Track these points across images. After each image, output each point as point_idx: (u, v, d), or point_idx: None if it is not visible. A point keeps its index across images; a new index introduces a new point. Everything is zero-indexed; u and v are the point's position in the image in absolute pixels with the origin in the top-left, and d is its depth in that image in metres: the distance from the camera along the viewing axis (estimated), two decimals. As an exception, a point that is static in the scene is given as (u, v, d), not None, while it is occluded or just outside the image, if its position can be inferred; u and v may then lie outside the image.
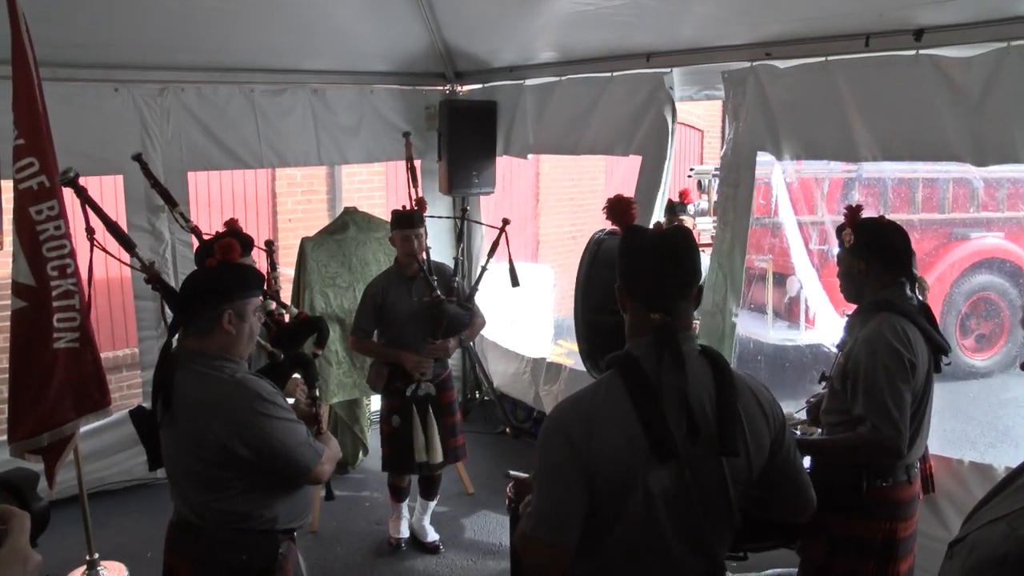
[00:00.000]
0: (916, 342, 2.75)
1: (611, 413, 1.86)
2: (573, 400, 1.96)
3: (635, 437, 1.83)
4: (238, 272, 2.57)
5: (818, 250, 7.66)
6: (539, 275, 7.89)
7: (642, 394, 1.85)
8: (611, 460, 1.83)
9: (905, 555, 2.89)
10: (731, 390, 1.91)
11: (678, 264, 1.97)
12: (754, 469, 1.95)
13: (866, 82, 4.03)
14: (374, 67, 6.01)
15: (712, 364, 1.94)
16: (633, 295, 1.98)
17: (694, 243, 2.01)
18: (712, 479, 1.89)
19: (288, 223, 7.75)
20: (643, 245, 1.99)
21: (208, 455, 2.42)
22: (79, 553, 4.37)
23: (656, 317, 1.91)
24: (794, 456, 2.06)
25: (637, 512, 1.85)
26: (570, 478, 1.85)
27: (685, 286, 1.98)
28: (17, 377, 3.99)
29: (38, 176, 3.91)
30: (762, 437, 1.96)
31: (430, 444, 4.43)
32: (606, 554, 1.90)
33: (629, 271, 2.00)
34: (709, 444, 1.86)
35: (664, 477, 1.84)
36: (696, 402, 1.87)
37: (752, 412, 1.95)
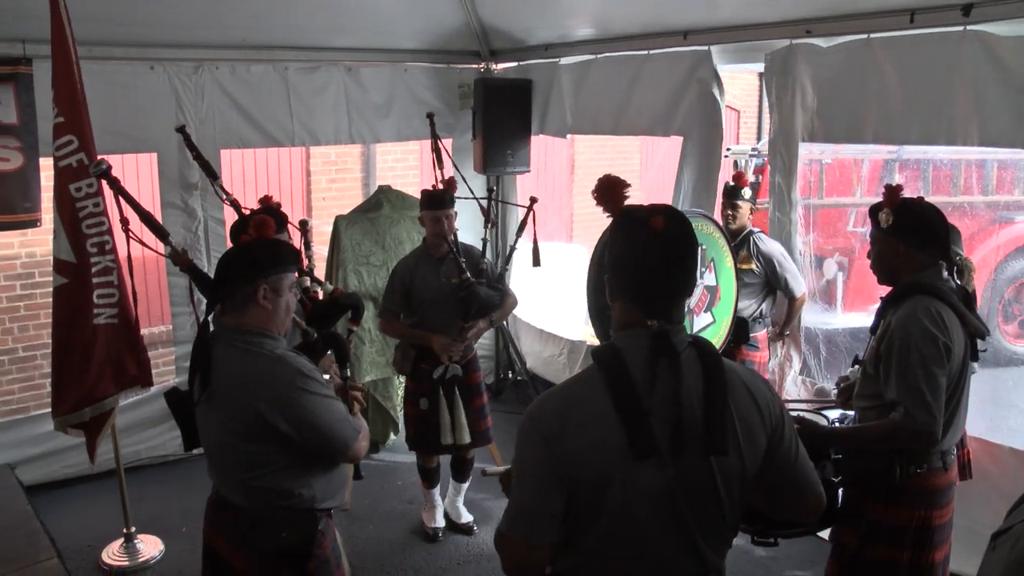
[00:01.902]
0: (952, 325, 2.68)
1: (588, 409, 1.77)
2: (550, 395, 1.88)
3: (612, 434, 1.74)
4: (273, 247, 2.56)
5: (854, 232, 7.55)
6: (574, 255, 7.84)
7: (622, 390, 1.75)
8: (586, 457, 1.75)
9: (940, 543, 2.83)
10: (720, 385, 1.79)
11: (683, 271, 1.85)
12: (748, 467, 1.83)
13: (911, 61, 3.94)
14: (408, 45, 5.98)
15: (702, 357, 1.83)
16: (627, 295, 1.85)
17: (696, 240, 1.87)
18: (700, 478, 1.79)
19: (322, 201, 7.77)
20: (645, 245, 1.81)
21: (248, 431, 2.42)
22: (117, 526, 4.45)
23: (653, 324, 1.79)
24: (796, 454, 1.92)
25: (616, 511, 1.77)
26: (544, 475, 1.78)
27: (685, 292, 1.87)
28: (60, 353, 4.06)
29: (77, 153, 3.95)
30: (756, 434, 1.84)
31: (457, 425, 4.41)
32: (586, 551, 1.84)
33: (625, 270, 1.86)
34: (696, 442, 1.76)
35: (645, 475, 1.75)
36: (684, 398, 1.77)
37: (745, 408, 1.83)
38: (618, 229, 1.88)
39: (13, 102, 4.48)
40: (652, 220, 1.79)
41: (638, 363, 1.77)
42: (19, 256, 6.36)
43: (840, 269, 7.38)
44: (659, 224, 1.79)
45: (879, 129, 4.10)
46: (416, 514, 4.85)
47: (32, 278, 6.37)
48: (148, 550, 4.41)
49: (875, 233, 2.84)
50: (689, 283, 1.87)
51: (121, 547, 4.40)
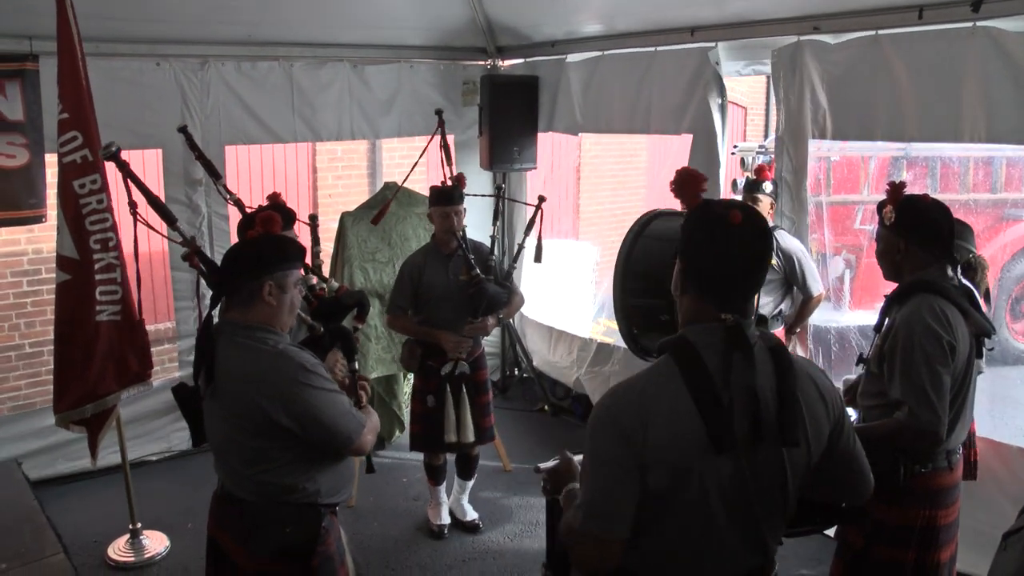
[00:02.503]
0: (956, 324, 2.65)
1: (667, 402, 1.77)
2: (626, 387, 1.86)
3: (692, 427, 1.75)
4: (279, 244, 2.56)
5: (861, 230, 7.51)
6: (580, 252, 7.83)
7: (701, 383, 1.77)
8: (666, 451, 1.75)
9: (946, 543, 2.81)
10: (791, 378, 1.82)
11: (759, 266, 1.85)
12: (813, 458, 1.88)
13: (920, 57, 3.91)
14: (414, 41, 5.98)
15: (772, 351, 1.85)
16: (701, 288, 1.86)
17: (771, 235, 1.89)
18: (771, 470, 1.82)
19: (328, 198, 7.77)
20: (723, 239, 1.81)
21: (252, 426, 2.42)
22: (122, 521, 4.45)
23: (728, 318, 1.81)
24: (853, 443, 1.98)
25: (691, 504, 1.78)
26: (622, 469, 1.77)
27: (758, 286, 1.89)
28: (62, 349, 4.06)
29: (81, 150, 3.95)
30: (821, 425, 1.88)
31: (462, 423, 4.40)
32: (656, 547, 1.84)
33: (701, 263, 1.85)
34: (770, 434, 1.79)
35: (721, 469, 1.77)
36: (760, 392, 1.79)
37: (811, 400, 1.87)
38: (695, 223, 1.88)
39: (20, 99, 4.48)
40: (731, 214, 1.80)
41: (713, 357, 1.79)
42: (26, 252, 6.37)
43: (847, 267, 7.36)
44: (738, 218, 1.80)
45: (888, 126, 4.08)
46: (421, 511, 4.85)
47: (39, 274, 6.38)
48: (154, 546, 4.42)
49: (879, 230, 2.82)
50: (763, 278, 1.89)
51: (127, 543, 4.41)
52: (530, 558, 4.39)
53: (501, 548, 4.51)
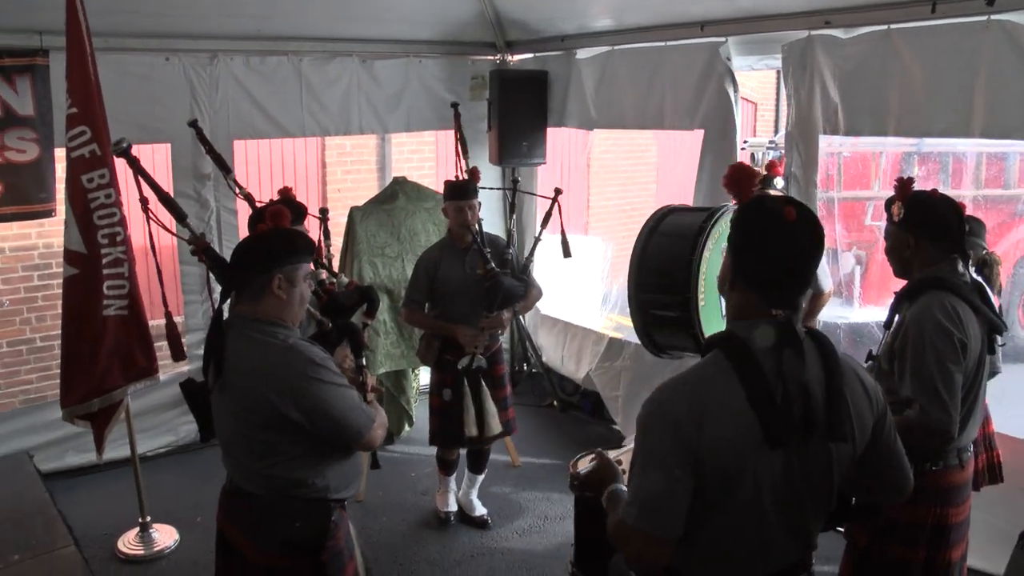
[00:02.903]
0: (967, 321, 2.63)
1: (721, 398, 1.77)
2: (679, 383, 1.85)
3: (747, 423, 1.75)
4: (288, 237, 2.55)
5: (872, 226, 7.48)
6: (590, 247, 7.82)
7: (754, 379, 1.77)
8: (722, 447, 1.75)
9: (957, 542, 2.78)
10: (838, 373, 1.83)
11: (812, 263, 1.85)
12: (857, 453, 1.89)
13: (933, 52, 3.87)
14: (422, 36, 5.96)
15: (818, 346, 1.86)
16: (752, 284, 1.85)
17: (823, 233, 1.88)
18: (819, 465, 1.83)
19: (337, 193, 7.76)
20: (777, 235, 1.82)
21: (261, 420, 2.42)
22: (132, 515, 4.46)
23: (779, 313, 1.81)
24: (895, 438, 1.99)
25: (742, 500, 1.79)
26: (677, 465, 1.76)
27: (809, 283, 1.89)
28: (69, 343, 4.07)
29: (90, 144, 3.95)
30: (866, 420, 1.89)
31: (485, 417, 4.38)
32: (705, 543, 1.84)
33: (753, 259, 1.85)
34: (819, 429, 1.79)
35: (773, 464, 1.78)
36: (811, 387, 1.80)
37: (857, 395, 1.88)
38: (748, 218, 1.88)
39: (30, 93, 4.49)
40: (785, 211, 1.80)
41: (764, 353, 1.79)
42: (36, 247, 6.38)
43: (858, 263, 7.34)
44: (792, 215, 1.80)
45: (901, 121, 4.03)
46: (430, 506, 4.85)
47: (49, 268, 6.39)
48: (163, 539, 4.43)
49: (888, 227, 2.80)
50: (813, 274, 1.89)
51: (137, 536, 4.42)
52: (539, 554, 4.39)
53: (510, 544, 4.50)
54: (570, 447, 5.64)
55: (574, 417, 6.28)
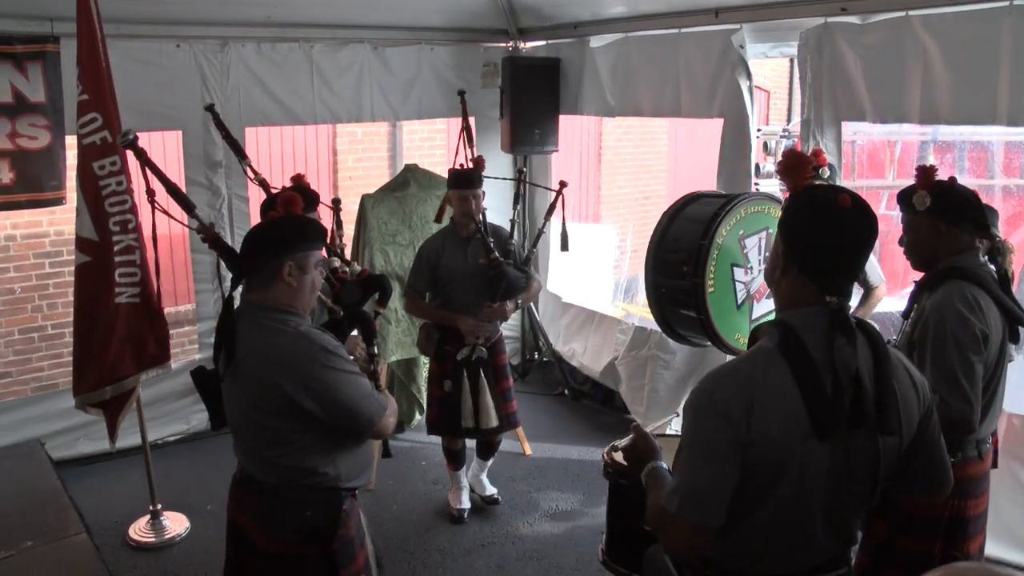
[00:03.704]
0: (989, 311, 2.59)
1: (773, 387, 1.76)
2: (729, 371, 1.85)
3: (796, 413, 1.74)
4: (299, 224, 2.53)
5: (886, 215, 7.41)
6: (602, 236, 7.78)
7: (805, 371, 1.76)
8: (769, 436, 1.74)
9: (975, 534, 2.76)
10: (888, 366, 1.81)
11: (865, 251, 1.85)
12: (904, 447, 1.87)
13: (953, 38, 3.81)
14: (434, 22, 5.93)
15: (868, 336, 1.84)
16: (806, 271, 1.84)
17: (876, 221, 1.87)
18: (865, 458, 1.81)
19: (348, 180, 7.75)
20: (833, 223, 1.81)
21: (273, 408, 2.41)
22: (143, 502, 4.48)
23: (832, 300, 1.80)
24: (939, 435, 1.97)
25: (787, 492, 1.77)
26: (725, 455, 1.76)
27: (860, 271, 1.90)
28: (81, 331, 4.07)
29: (101, 131, 3.95)
30: (913, 414, 1.87)
31: (482, 408, 4.36)
32: (745, 535, 1.83)
33: (808, 246, 1.83)
34: (868, 421, 1.78)
35: (820, 456, 1.76)
36: (862, 377, 1.79)
37: (905, 388, 1.86)
38: (802, 206, 1.88)
39: (41, 80, 4.48)
40: (840, 198, 1.80)
41: (815, 342, 1.78)
42: (47, 234, 6.40)
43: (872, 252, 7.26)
44: (847, 202, 1.80)
45: (923, 108, 3.97)
46: (440, 495, 4.84)
47: (60, 256, 6.41)
48: (174, 527, 4.44)
49: (909, 217, 2.74)
50: (865, 263, 1.89)
51: (148, 524, 4.43)
52: (550, 543, 4.38)
53: (520, 533, 4.49)
54: (581, 436, 5.63)
55: (585, 406, 6.26)
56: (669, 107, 5.34)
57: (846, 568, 1.96)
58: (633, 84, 5.56)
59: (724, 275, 3.51)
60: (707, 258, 3.34)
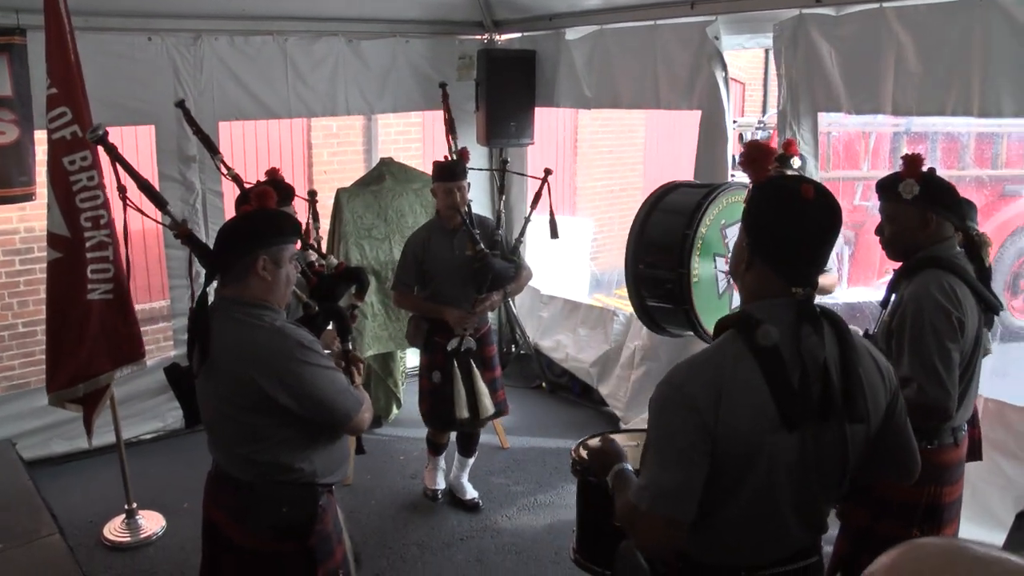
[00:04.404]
0: (965, 300, 2.61)
1: (741, 379, 1.75)
2: (695, 365, 1.84)
3: (763, 404, 1.73)
4: (273, 218, 2.51)
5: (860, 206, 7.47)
6: (578, 228, 7.79)
7: (771, 360, 1.75)
8: (738, 429, 1.73)
9: (950, 520, 2.80)
10: (853, 354, 1.81)
11: (830, 241, 1.85)
12: (872, 434, 1.87)
13: (927, 30, 3.84)
14: (409, 15, 5.89)
15: (832, 324, 1.84)
16: (771, 262, 1.83)
17: (840, 211, 1.86)
18: (834, 447, 1.81)
19: (323, 175, 7.70)
20: (797, 214, 1.80)
21: (248, 404, 2.39)
22: (118, 501, 4.42)
23: (799, 291, 1.80)
24: (906, 419, 1.97)
25: (758, 483, 1.77)
26: (695, 449, 1.74)
27: (825, 262, 1.88)
28: (54, 328, 4.02)
29: (71, 126, 3.88)
30: (880, 401, 1.88)
31: (478, 398, 4.36)
32: (718, 527, 1.82)
33: (773, 238, 1.82)
34: (836, 409, 1.78)
35: (789, 447, 1.76)
36: (830, 366, 1.78)
37: (871, 375, 1.86)
38: (765, 197, 1.87)
39: (7, 74, 4.40)
40: (803, 189, 1.79)
41: (782, 332, 1.77)
42: (18, 231, 6.31)
43: (846, 243, 7.32)
44: (810, 193, 1.79)
45: (896, 100, 4.00)
46: (418, 489, 4.83)
47: (31, 253, 6.32)
48: (150, 526, 4.39)
49: (892, 207, 2.74)
50: (830, 254, 1.89)
51: (123, 523, 4.38)
52: (529, 536, 4.38)
53: (499, 526, 4.49)
54: (559, 429, 5.64)
55: (563, 398, 6.27)
56: (648, 99, 5.34)
57: (817, 557, 1.96)
58: (610, 76, 5.55)
59: (708, 265, 3.53)
60: (692, 248, 3.34)
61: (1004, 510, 3.98)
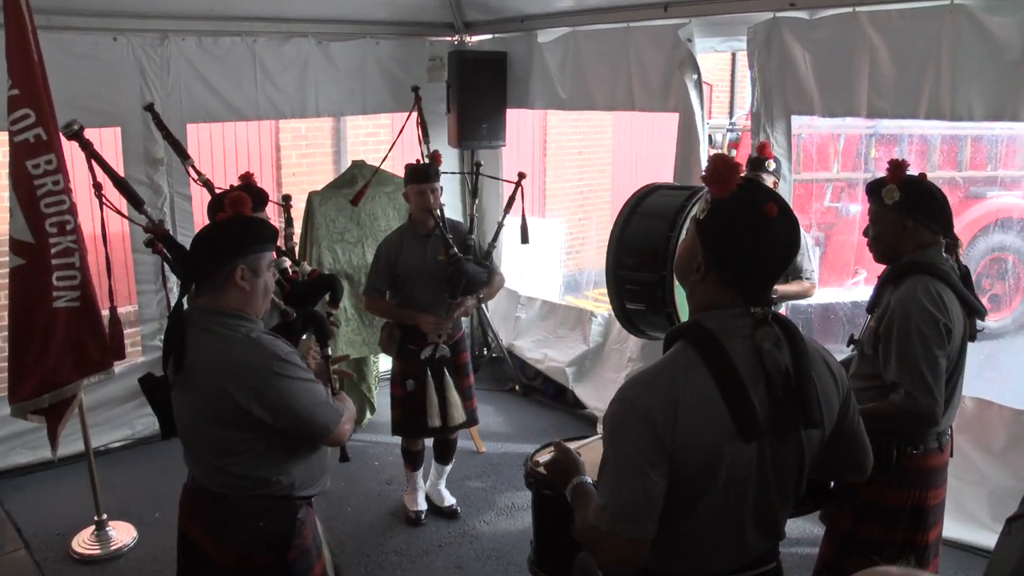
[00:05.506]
0: (952, 306, 2.62)
1: (694, 391, 1.71)
2: (649, 378, 1.78)
3: (719, 416, 1.70)
4: (250, 225, 2.44)
5: (831, 207, 7.53)
6: (548, 230, 7.77)
7: (725, 371, 1.71)
8: (696, 442, 1.69)
9: (934, 524, 2.81)
10: (805, 357, 1.78)
11: (789, 259, 1.81)
12: (825, 435, 1.86)
13: (899, 34, 3.89)
14: (379, 16, 5.84)
15: (784, 331, 1.80)
16: (727, 279, 1.78)
17: (798, 224, 1.82)
18: (790, 453, 1.79)
19: (292, 177, 7.61)
20: (758, 232, 1.74)
21: (224, 417, 2.32)
22: (87, 513, 4.30)
23: (757, 311, 1.76)
24: (858, 419, 1.97)
25: (717, 495, 1.73)
26: (650, 465, 1.69)
27: (781, 277, 1.86)
28: (17, 336, 3.90)
29: (34, 128, 3.78)
30: (833, 403, 1.86)
31: (449, 406, 4.31)
32: (678, 540, 1.79)
33: (730, 255, 1.77)
34: (791, 417, 1.75)
35: (747, 456, 1.73)
36: (782, 375, 1.75)
37: (824, 377, 1.84)
38: (727, 212, 1.77)
39: (-35, 74, 4.28)
40: (767, 207, 1.74)
41: (734, 343, 1.74)
42: (-22, 235, 6.14)
43: (816, 244, 7.38)
44: (773, 212, 1.74)
45: (870, 104, 4.04)
46: (395, 495, 4.77)
47: (-8, 258, 6.16)
48: (121, 537, 4.28)
49: (876, 209, 2.76)
50: (784, 271, 1.86)
51: (92, 535, 4.26)
52: (508, 542, 4.35)
53: (478, 532, 4.45)
54: (533, 432, 5.61)
55: (536, 401, 6.25)
56: (622, 101, 5.34)
57: (775, 563, 1.94)
58: (583, 78, 5.54)
59: None
60: (675, 251, 3.33)
61: (979, 507, 4.04)
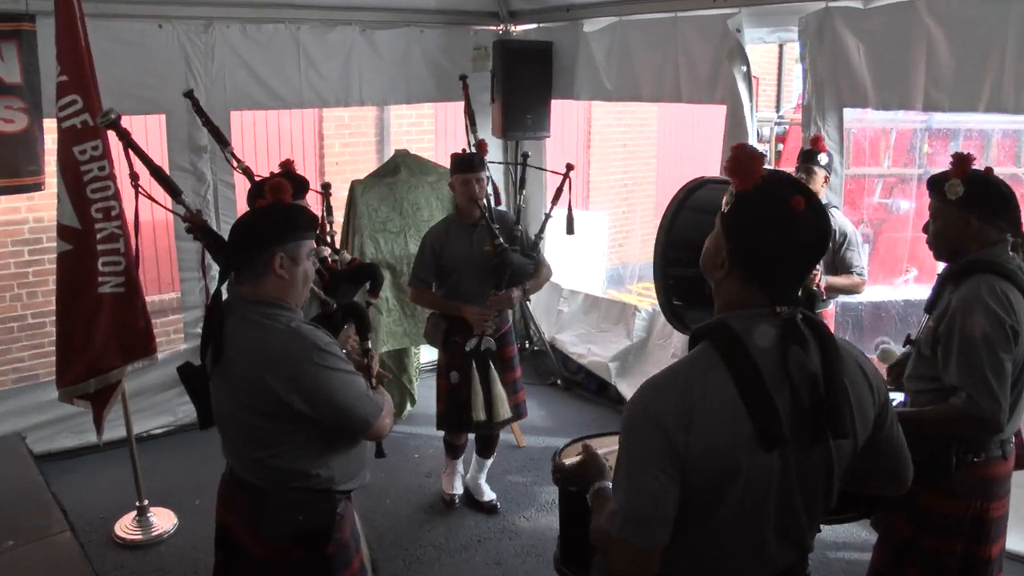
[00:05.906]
0: (1019, 307, 2.47)
1: (712, 396, 1.62)
2: (664, 381, 1.71)
3: (738, 422, 1.61)
4: (289, 213, 2.40)
5: (881, 204, 7.34)
6: (591, 222, 7.70)
7: (747, 376, 1.62)
8: (712, 449, 1.61)
9: (997, 537, 2.66)
10: (838, 363, 1.67)
11: (817, 255, 1.72)
12: (858, 445, 1.75)
13: (959, 23, 3.73)
14: (424, 4, 5.80)
15: (815, 334, 1.69)
16: (751, 276, 1.69)
17: (829, 219, 1.72)
18: (817, 463, 1.69)
19: (335, 166, 7.62)
20: (784, 227, 1.64)
21: (262, 408, 2.29)
22: (129, 498, 4.34)
23: (784, 311, 1.66)
24: (897, 430, 1.85)
25: (735, 505, 1.65)
26: (664, 472, 1.62)
27: (811, 272, 1.77)
28: (64, 321, 3.94)
29: (81, 115, 3.80)
30: (867, 412, 1.75)
31: (494, 401, 4.24)
32: (693, 550, 1.71)
33: (755, 250, 1.68)
34: (819, 425, 1.65)
35: (769, 467, 1.64)
36: (813, 382, 1.65)
37: (858, 385, 1.73)
38: (751, 207, 1.69)
39: (16, 61, 4.31)
40: (793, 201, 1.63)
41: (762, 347, 1.65)
42: (26, 221, 6.24)
43: (865, 241, 7.20)
44: (800, 205, 1.63)
45: (927, 96, 3.89)
46: (434, 488, 4.74)
47: (40, 243, 6.26)
48: (162, 524, 4.31)
49: (937, 204, 2.63)
50: (813, 269, 1.76)
51: (134, 520, 4.30)
52: (548, 538, 4.28)
53: (517, 528, 4.40)
54: (575, 427, 5.54)
55: (578, 396, 6.18)
56: (669, 92, 5.24)
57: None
58: (631, 69, 5.44)
59: None
60: None
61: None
